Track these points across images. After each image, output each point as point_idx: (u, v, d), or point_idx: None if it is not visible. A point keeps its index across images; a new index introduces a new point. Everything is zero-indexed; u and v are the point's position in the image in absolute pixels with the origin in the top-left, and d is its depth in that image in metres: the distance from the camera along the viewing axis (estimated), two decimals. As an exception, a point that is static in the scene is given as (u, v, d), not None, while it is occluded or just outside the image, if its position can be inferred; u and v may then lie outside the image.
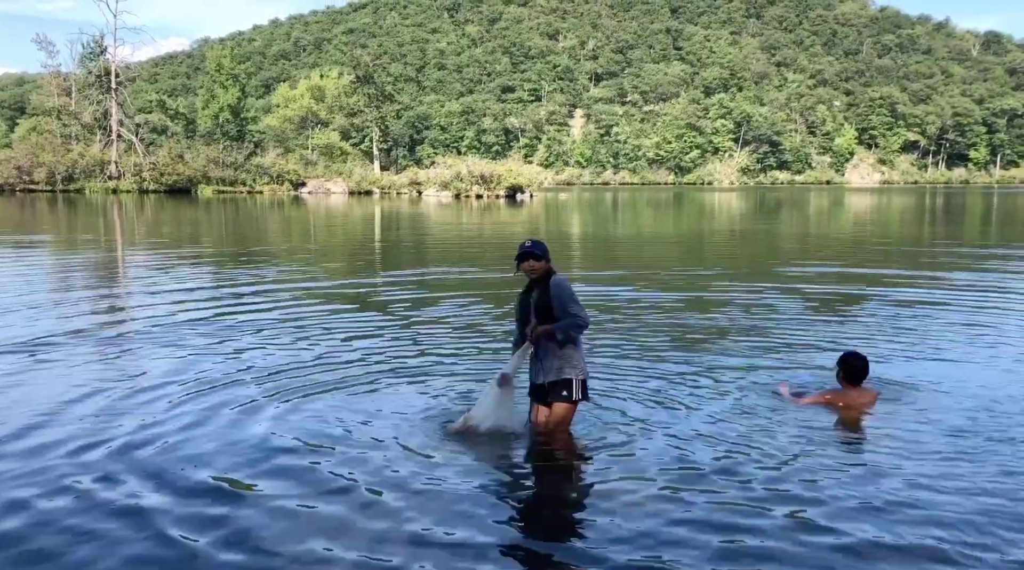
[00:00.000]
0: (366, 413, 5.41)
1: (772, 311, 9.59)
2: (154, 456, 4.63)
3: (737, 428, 5.11)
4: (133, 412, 5.44)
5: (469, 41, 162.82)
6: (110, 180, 56.64)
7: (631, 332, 8.23)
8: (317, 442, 4.85)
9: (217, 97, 74.92)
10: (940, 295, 10.93)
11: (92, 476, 4.31)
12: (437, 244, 20.79)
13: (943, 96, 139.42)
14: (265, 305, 10.05)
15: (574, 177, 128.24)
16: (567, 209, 41.46)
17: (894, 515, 3.82)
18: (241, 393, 5.91)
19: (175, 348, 7.48)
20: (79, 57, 66.85)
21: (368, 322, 8.87)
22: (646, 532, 3.66)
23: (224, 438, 4.96)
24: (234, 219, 31.58)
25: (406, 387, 6.11)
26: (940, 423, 5.21)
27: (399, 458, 4.58)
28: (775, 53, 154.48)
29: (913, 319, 9.03)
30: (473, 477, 4.35)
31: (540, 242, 4.73)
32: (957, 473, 4.34)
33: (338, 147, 79.41)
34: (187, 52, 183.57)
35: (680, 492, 4.10)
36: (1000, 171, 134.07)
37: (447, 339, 7.95)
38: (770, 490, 4.12)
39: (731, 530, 3.69)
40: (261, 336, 8.03)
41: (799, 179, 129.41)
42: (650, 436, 4.95)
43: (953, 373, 6.55)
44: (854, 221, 33.12)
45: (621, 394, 5.84)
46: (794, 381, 6.15)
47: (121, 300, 11.08)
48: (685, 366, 6.74)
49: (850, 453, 4.81)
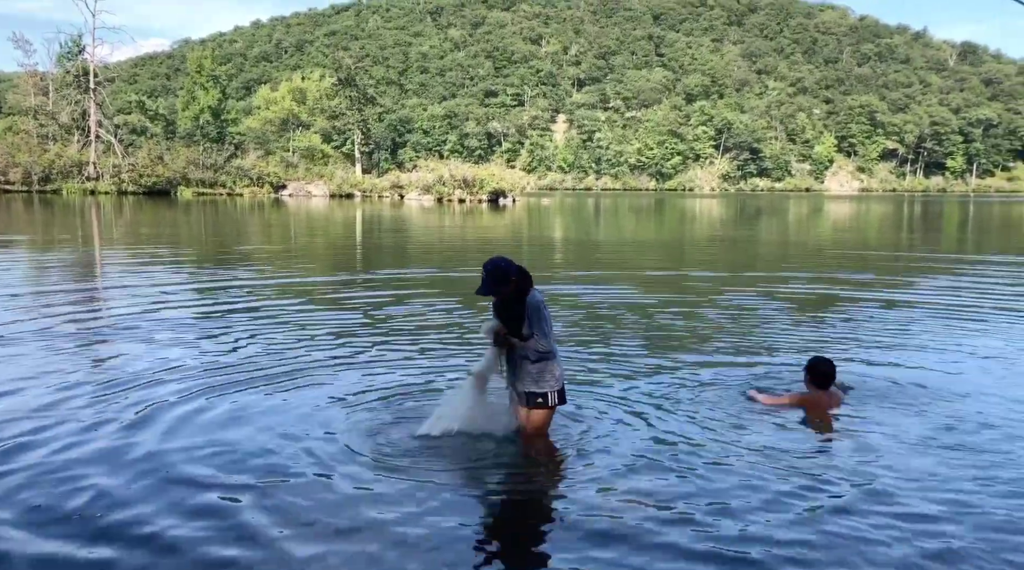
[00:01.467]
0: (279, 411, 5.46)
1: (750, 314, 9.64)
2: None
3: (711, 431, 5.12)
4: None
5: (452, 45, 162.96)
6: (88, 181, 56.00)
7: (610, 334, 8.24)
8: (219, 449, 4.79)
9: (197, 98, 74.40)
10: (915, 299, 11.03)
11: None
12: (417, 247, 20.73)
13: (921, 105, 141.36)
14: (221, 306, 9.96)
15: (556, 182, 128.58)
16: (550, 214, 41.52)
17: (869, 516, 3.85)
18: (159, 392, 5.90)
19: (107, 346, 7.50)
20: (56, 56, 66.15)
21: (324, 322, 8.81)
22: (624, 536, 3.65)
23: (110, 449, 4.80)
24: (213, 221, 31.33)
25: (346, 384, 6.13)
26: (909, 424, 5.24)
27: (334, 456, 4.57)
28: (756, 61, 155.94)
29: (891, 321, 9.12)
30: (450, 484, 4.31)
31: (500, 267, 4.46)
32: (919, 467, 4.39)
33: (319, 150, 79.06)
34: (167, 53, 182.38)
35: (658, 496, 4.09)
36: (976, 180, 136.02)
37: (416, 336, 7.91)
38: (743, 491, 4.13)
39: (707, 535, 3.68)
40: (210, 336, 8.01)
41: (779, 186, 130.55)
42: (627, 438, 4.94)
43: (928, 374, 6.60)
44: (833, 228, 33.42)
45: (599, 396, 5.84)
46: (767, 384, 6.21)
47: (71, 299, 10.86)
48: (663, 369, 6.75)
49: (818, 454, 4.82)
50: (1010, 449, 4.84)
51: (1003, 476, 4.40)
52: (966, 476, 4.40)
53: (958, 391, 6.10)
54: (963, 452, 4.78)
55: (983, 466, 4.55)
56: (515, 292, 4.52)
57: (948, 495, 4.14)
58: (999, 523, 3.82)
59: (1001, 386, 6.34)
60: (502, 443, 4.78)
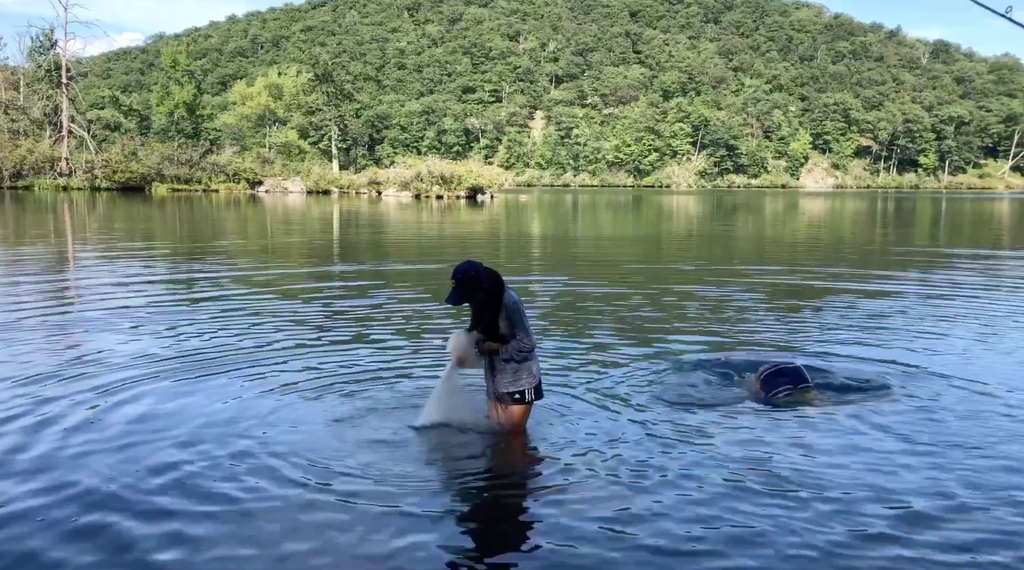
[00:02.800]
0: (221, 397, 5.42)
1: (725, 306, 9.74)
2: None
3: (690, 420, 5.20)
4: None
5: (429, 41, 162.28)
6: (60, 177, 55.25)
7: (585, 325, 8.30)
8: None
9: (172, 94, 73.57)
10: (889, 289, 11.20)
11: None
12: (395, 242, 20.69)
13: (894, 103, 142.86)
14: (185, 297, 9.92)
15: (534, 179, 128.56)
16: (528, 210, 41.55)
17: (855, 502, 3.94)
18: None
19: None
20: (28, 51, 65.20)
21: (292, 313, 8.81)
22: (603, 531, 3.65)
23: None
24: (188, 217, 31.04)
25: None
26: (878, 414, 5.35)
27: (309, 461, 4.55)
28: (732, 58, 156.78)
29: (866, 312, 9.26)
30: (428, 481, 4.33)
31: (468, 274, 4.41)
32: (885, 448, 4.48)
33: (296, 146, 78.58)
34: (141, 47, 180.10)
35: (642, 489, 4.13)
36: (948, 177, 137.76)
37: (389, 333, 7.94)
38: (711, 472, 4.20)
39: (687, 525, 3.74)
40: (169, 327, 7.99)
41: (755, 183, 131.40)
42: (604, 431, 5.00)
43: (907, 359, 6.73)
44: (808, 224, 33.74)
45: (574, 388, 5.89)
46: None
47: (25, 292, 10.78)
48: (639, 359, 6.82)
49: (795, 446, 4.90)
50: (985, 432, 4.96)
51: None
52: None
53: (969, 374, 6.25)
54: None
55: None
56: (487, 297, 4.49)
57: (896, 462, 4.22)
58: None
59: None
60: (477, 439, 4.77)
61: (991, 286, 12.26)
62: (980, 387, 6.07)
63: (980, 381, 6.22)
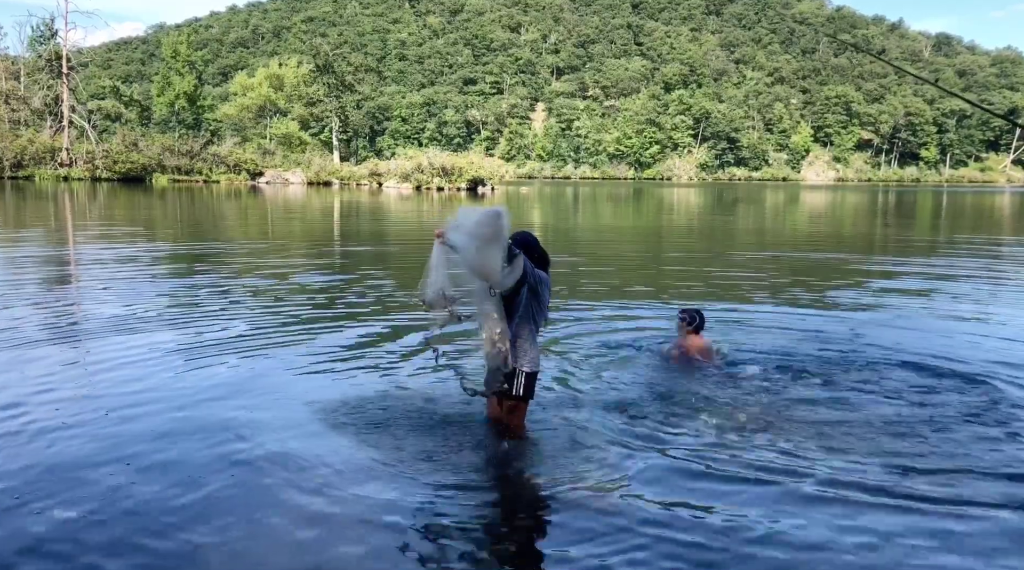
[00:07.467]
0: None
1: (717, 293, 9.79)
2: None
3: (681, 412, 5.27)
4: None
5: (430, 32, 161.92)
6: (61, 167, 55.21)
7: (586, 316, 8.35)
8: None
9: (173, 84, 73.34)
10: (887, 281, 11.25)
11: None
12: (396, 233, 20.71)
13: (896, 96, 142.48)
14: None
15: (535, 171, 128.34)
16: (529, 202, 41.53)
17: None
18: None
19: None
20: (28, 40, 65.00)
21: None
22: (603, 531, 3.60)
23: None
24: (189, 208, 31.04)
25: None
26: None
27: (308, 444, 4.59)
28: (734, 50, 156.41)
29: (862, 298, 9.32)
30: (421, 479, 4.15)
31: (528, 241, 4.61)
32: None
33: (297, 137, 78.40)
34: (142, 38, 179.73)
35: (637, 492, 4.15)
36: (949, 170, 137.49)
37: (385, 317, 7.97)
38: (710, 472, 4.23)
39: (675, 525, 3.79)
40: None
41: (756, 175, 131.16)
42: (597, 422, 5.05)
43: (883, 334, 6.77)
44: (809, 216, 33.74)
45: (575, 388, 5.92)
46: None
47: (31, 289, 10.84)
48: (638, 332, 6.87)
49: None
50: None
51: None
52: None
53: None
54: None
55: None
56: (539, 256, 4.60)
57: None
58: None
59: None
60: (476, 435, 4.71)
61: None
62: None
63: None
